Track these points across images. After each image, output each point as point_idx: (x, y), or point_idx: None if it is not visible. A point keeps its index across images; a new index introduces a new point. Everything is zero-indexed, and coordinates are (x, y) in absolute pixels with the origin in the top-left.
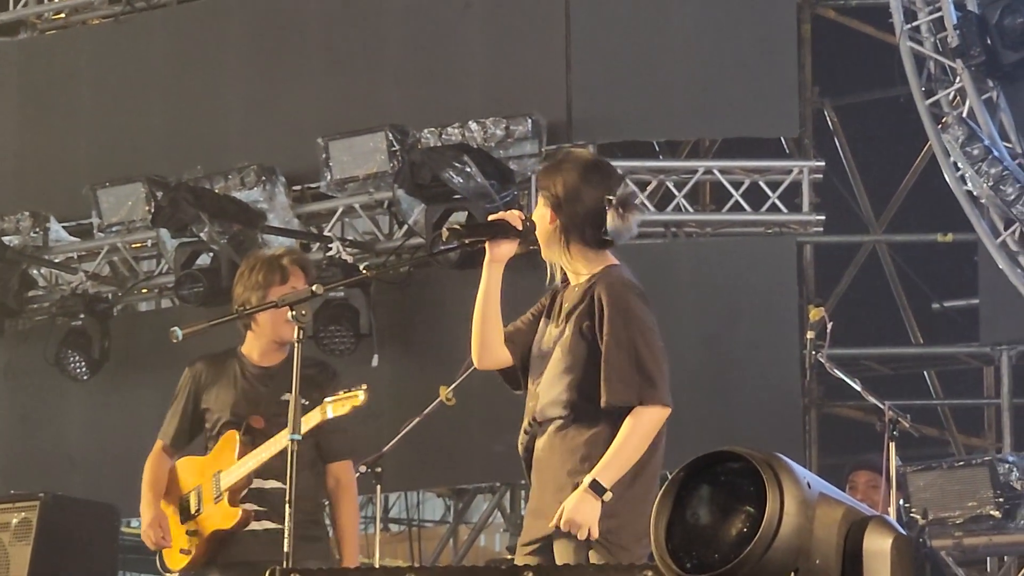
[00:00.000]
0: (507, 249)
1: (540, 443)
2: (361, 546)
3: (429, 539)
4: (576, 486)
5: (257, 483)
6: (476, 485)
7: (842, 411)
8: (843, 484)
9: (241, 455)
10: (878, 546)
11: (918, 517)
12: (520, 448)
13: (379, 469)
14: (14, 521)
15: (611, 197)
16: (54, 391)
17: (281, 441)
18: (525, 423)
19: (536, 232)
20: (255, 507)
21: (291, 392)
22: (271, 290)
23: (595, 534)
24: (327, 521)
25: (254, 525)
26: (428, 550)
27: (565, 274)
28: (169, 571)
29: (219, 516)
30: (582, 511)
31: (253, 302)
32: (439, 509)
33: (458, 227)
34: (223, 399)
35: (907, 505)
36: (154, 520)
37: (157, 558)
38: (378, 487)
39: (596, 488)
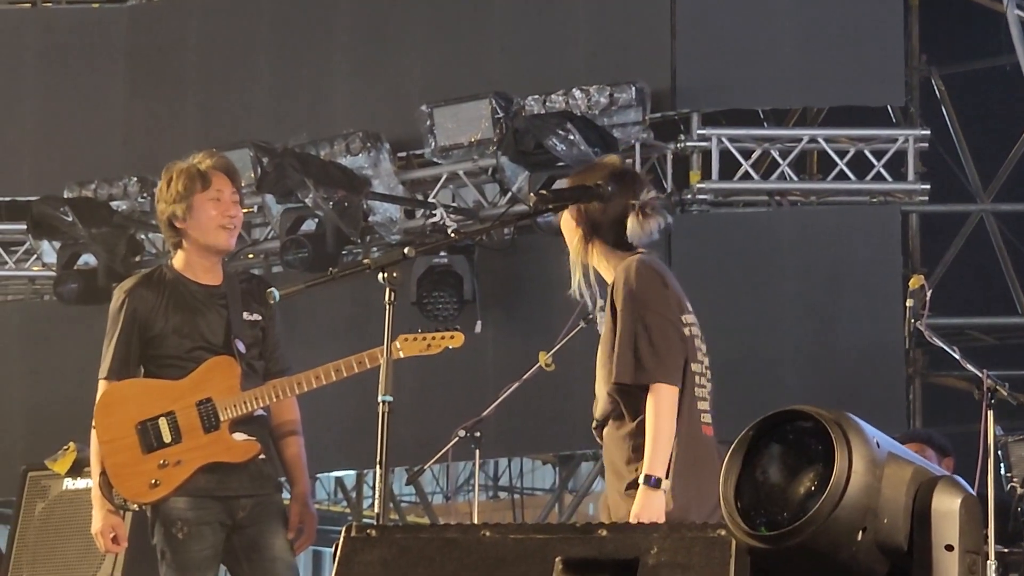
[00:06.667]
0: None
1: (603, 432)
2: (465, 512)
3: (536, 507)
4: (629, 474)
5: None
6: (582, 452)
7: (947, 381)
8: None
9: (244, 385)
10: (947, 506)
11: (1017, 486)
12: (597, 437)
13: (478, 434)
14: None
15: (635, 202)
16: None
17: (307, 381)
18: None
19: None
20: (245, 436)
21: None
22: (194, 199)
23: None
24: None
25: None
26: (533, 518)
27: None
28: (128, 505)
29: (221, 447)
30: (647, 509)
31: (178, 215)
32: (549, 477)
33: (545, 193)
34: (184, 322)
35: (1008, 474)
36: (111, 519)
37: (102, 488)
38: (476, 452)
39: (650, 482)
